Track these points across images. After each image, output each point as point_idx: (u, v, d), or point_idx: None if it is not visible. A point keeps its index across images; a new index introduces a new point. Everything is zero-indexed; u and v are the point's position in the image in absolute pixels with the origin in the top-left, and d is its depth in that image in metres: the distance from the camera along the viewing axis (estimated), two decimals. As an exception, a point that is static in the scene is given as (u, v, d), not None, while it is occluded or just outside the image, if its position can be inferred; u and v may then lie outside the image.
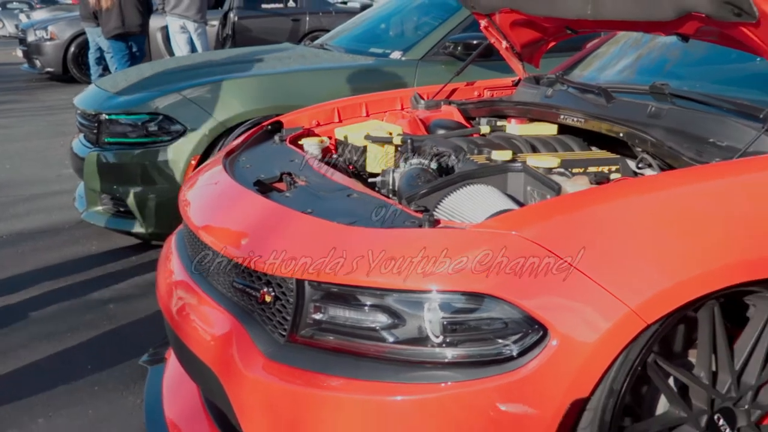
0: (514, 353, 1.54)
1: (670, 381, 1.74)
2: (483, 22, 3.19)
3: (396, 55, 4.57)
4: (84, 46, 11.25)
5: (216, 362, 1.81)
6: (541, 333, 1.54)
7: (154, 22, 9.85)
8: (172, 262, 2.23)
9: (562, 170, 2.07)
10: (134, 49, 8.61)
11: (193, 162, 3.94)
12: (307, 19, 12.83)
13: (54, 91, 10.67)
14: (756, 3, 1.90)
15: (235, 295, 1.88)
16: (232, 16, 11.75)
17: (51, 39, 11.54)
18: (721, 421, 1.74)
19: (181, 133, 3.97)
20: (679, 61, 2.85)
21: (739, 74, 2.60)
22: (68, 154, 4.54)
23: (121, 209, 4.10)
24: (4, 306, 3.37)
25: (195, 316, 1.96)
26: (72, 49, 11.63)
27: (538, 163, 2.07)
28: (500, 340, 1.55)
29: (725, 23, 2.09)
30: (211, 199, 2.20)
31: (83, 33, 11.01)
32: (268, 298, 1.76)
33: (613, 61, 3.19)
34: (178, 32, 8.54)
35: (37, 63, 11.78)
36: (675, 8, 2.20)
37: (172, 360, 2.51)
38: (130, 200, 3.98)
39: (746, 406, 1.77)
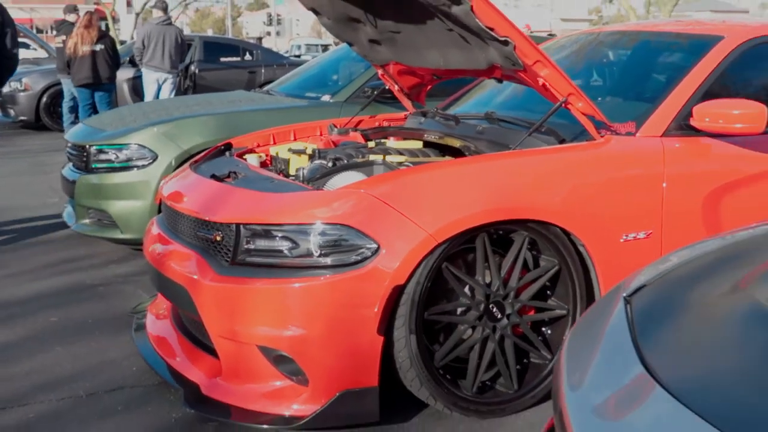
0: (361, 258, 2.67)
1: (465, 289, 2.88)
2: (380, 71, 4.38)
3: (326, 98, 5.76)
4: (56, 97, 12.30)
5: (185, 281, 2.91)
6: (376, 246, 2.66)
7: (121, 74, 10.96)
8: (153, 229, 3.34)
9: (407, 164, 3.24)
10: (106, 99, 9.72)
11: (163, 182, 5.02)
12: (263, 71, 14.03)
13: (29, 137, 11.66)
14: (520, 57, 3.09)
15: (197, 240, 2.99)
16: (193, 68, 12.92)
17: (25, 90, 12.55)
18: (494, 309, 2.88)
19: (154, 159, 5.07)
20: (509, 95, 4.06)
21: (534, 101, 3.75)
22: (59, 180, 5.59)
23: (105, 221, 5.17)
24: (14, 292, 4.39)
25: (170, 257, 3.07)
26: (44, 99, 12.63)
27: (392, 159, 3.23)
28: (353, 251, 2.68)
29: (511, 70, 3.29)
30: (182, 186, 3.32)
31: (55, 84, 12.12)
32: (218, 238, 2.88)
33: (472, 98, 4.38)
34: (153, 83, 9.69)
35: (11, 112, 12.78)
36: (485, 61, 3.40)
37: (151, 308, 3.60)
38: (113, 213, 5.06)
39: (510, 301, 2.91)
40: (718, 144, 3.30)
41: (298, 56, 19.27)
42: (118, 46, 11.66)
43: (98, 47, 9.49)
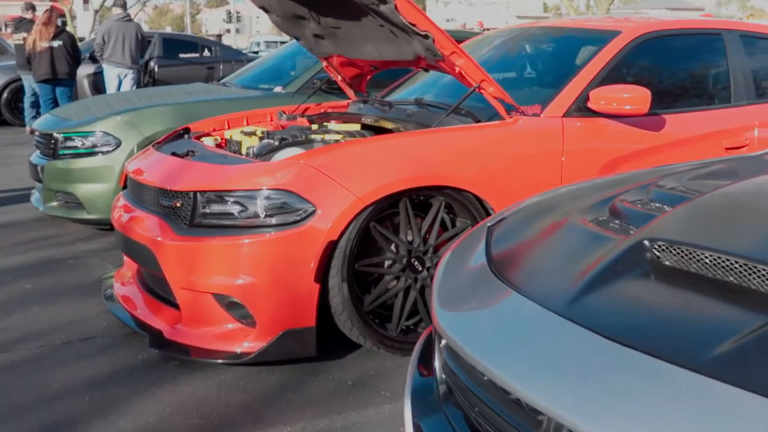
0: (300, 219, 3.15)
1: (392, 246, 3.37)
2: (324, 64, 4.87)
3: (278, 89, 6.22)
4: (16, 93, 12.58)
5: (149, 242, 3.37)
6: (313, 208, 3.15)
7: (82, 70, 11.29)
8: (119, 202, 3.79)
9: (342, 141, 3.73)
10: (66, 94, 10.06)
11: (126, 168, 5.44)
12: (221, 67, 14.38)
13: (-10, 132, 11.92)
14: (439, 48, 3.60)
15: (159, 207, 3.45)
16: (153, 65, 13.25)
17: (-16, 86, 12.77)
18: (416, 263, 3.38)
19: (118, 146, 5.49)
20: (439, 83, 4.56)
21: (457, 89, 4.25)
22: (23, 171, 5.98)
23: (72, 203, 5.58)
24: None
25: (136, 223, 3.52)
26: (5, 95, 12.88)
27: (329, 137, 3.72)
28: (293, 213, 3.16)
29: (433, 60, 3.80)
30: (146, 163, 3.77)
31: (15, 80, 12.39)
32: (178, 205, 3.34)
33: (407, 87, 4.89)
34: (114, 78, 10.04)
35: (-28, 108, 13.00)
36: (412, 53, 3.91)
37: (117, 275, 4.04)
38: (80, 195, 5.47)
39: (429, 255, 3.41)
40: (611, 123, 3.84)
41: (257, 53, 19.62)
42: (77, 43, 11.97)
43: (56, 43, 9.82)
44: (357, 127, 4.30)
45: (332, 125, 4.37)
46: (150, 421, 2.79)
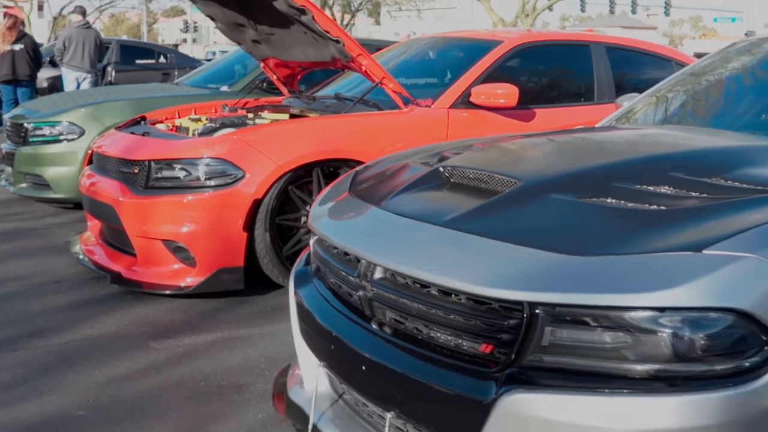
0: (233, 181, 4.01)
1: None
2: (262, 65, 5.75)
3: (224, 88, 7.07)
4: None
5: (112, 201, 4.20)
6: (243, 173, 4.01)
7: (41, 74, 11.98)
8: (86, 172, 4.62)
9: (271, 125, 4.61)
10: (27, 95, 10.74)
11: (89, 152, 6.24)
12: (176, 73, 15.11)
13: (-46, 129, 12.52)
14: (348, 51, 4.51)
15: (120, 174, 4.28)
16: (110, 70, 13.96)
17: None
18: (326, 219, 4.26)
19: (81, 134, 6.29)
20: (357, 81, 5.46)
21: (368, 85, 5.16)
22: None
23: (40, 184, 6.36)
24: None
25: (101, 187, 4.35)
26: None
27: (259, 121, 4.60)
28: (228, 176, 4.01)
29: (346, 61, 4.71)
30: (109, 141, 4.61)
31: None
32: (135, 171, 4.18)
33: (332, 84, 5.78)
34: (72, 81, 10.74)
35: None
36: (329, 55, 4.81)
37: (81, 237, 4.85)
38: (47, 177, 6.26)
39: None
40: (489, 114, 4.78)
41: (209, 60, 20.28)
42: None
43: (18, 47, 10.51)
44: (285, 116, 5.18)
45: (265, 114, 5.24)
46: (112, 329, 3.62)
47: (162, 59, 15.59)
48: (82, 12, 11.34)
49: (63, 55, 10.81)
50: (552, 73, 5.51)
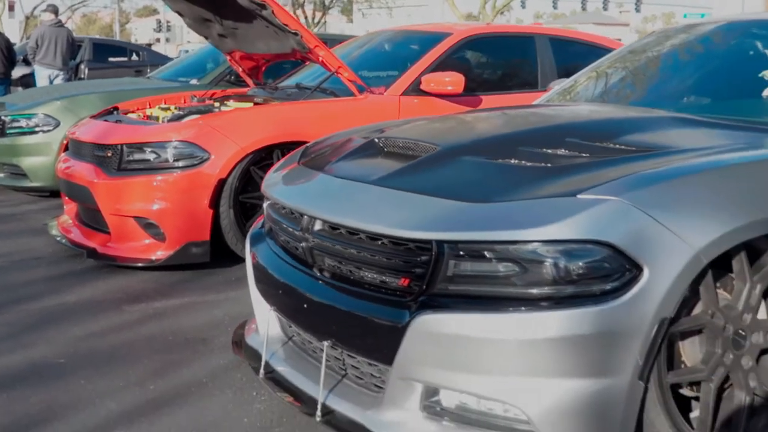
0: (199, 162, 4.36)
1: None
2: (228, 58, 6.10)
3: (194, 81, 7.41)
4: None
5: (87, 183, 4.53)
6: (209, 155, 4.36)
7: (15, 72, 12.22)
8: (63, 157, 4.95)
9: (235, 111, 4.96)
10: (1, 93, 10.98)
11: (64, 143, 6.56)
12: (149, 70, 15.37)
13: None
14: (306, 42, 4.87)
15: (94, 158, 4.62)
16: (83, 68, 14.19)
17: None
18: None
19: (57, 126, 6.60)
20: (318, 72, 5.83)
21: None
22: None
23: (18, 173, 6.66)
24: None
25: (77, 170, 4.68)
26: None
27: (224, 108, 4.95)
28: (194, 158, 4.37)
29: (304, 52, 5.07)
30: (84, 128, 4.94)
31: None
32: (109, 155, 4.52)
33: (295, 75, 6.14)
34: (44, 79, 11.00)
35: None
36: (289, 47, 5.17)
37: (59, 220, 5.18)
38: (24, 166, 6.57)
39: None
40: (438, 100, 5.16)
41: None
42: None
43: None
44: (250, 104, 5.53)
45: (231, 103, 5.59)
46: (89, 296, 3.96)
47: (135, 57, 15.81)
48: (55, 11, 11.58)
49: (35, 53, 11.06)
50: (498, 62, 5.92)
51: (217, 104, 5.58)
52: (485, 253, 2.15)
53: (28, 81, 12.68)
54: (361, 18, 50.14)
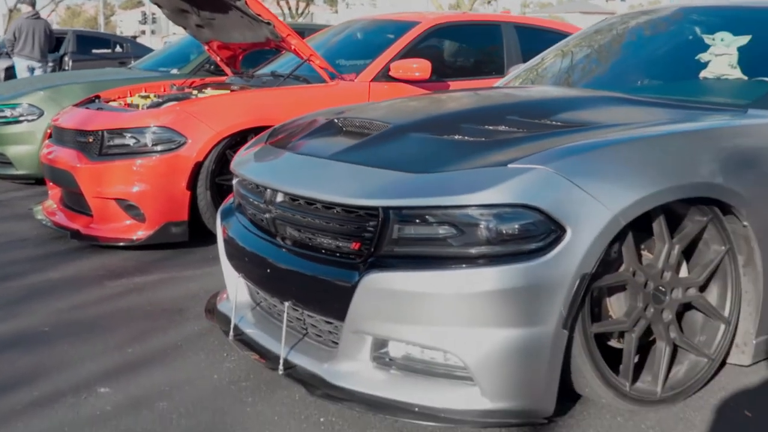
0: (176, 146, 4.58)
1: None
2: (206, 47, 6.31)
3: (174, 71, 7.61)
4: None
5: (70, 167, 4.75)
6: (185, 139, 4.59)
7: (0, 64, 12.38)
8: (47, 145, 5.16)
9: (212, 98, 5.19)
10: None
11: (48, 131, 6.76)
12: (133, 62, 15.53)
13: None
14: (278, 32, 5.10)
15: (76, 144, 4.84)
16: (67, 60, 14.33)
17: None
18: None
19: (41, 115, 6.80)
20: (293, 61, 6.05)
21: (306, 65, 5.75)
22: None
23: (3, 162, 6.86)
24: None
25: (60, 156, 4.90)
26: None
27: (201, 95, 5.18)
28: (172, 143, 4.59)
29: (278, 41, 5.30)
30: (66, 115, 5.15)
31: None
32: (90, 140, 4.73)
33: (271, 64, 6.36)
34: (24, 71, 11.14)
35: None
36: (264, 36, 5.39)
37: (43, 205, 5.40)
38: (10, 155, 6.77)
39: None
40: (407, 86, 5.39)
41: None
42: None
43: None
44: (226, 92, 5.75)
45: (208, 91, 5.81)
46: (72, 273, 4.19)
47: (118, 49, 15.96)
48: (32, 3, 11.67)
49: (14, 46, 11.18)
50: (465, 49, 6.16)
51: (195, 92, 5.79)
52: (426, 217, 2.39)
53: (11, 74, 12.82)
54: (345, 8, 50.30)
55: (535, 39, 6.29)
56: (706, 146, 2.68)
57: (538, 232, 2.34)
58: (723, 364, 2.90)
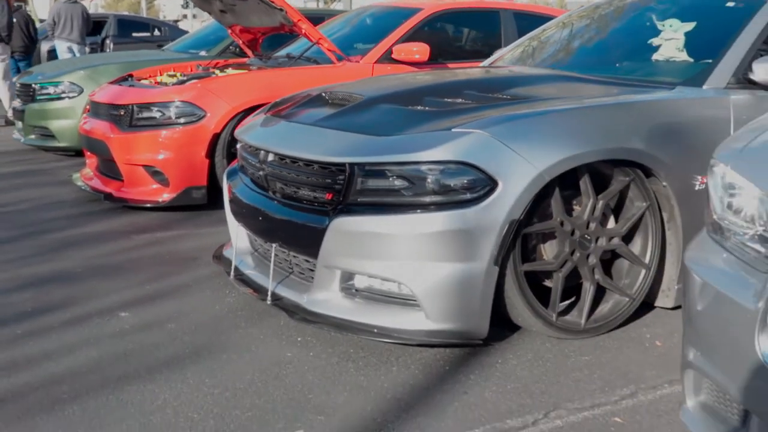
0: (197, 119, 5.16)
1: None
2: (229, 31, 6.88)
3: (203, 53, 8.20)
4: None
5: (104, 137, 5.36)
6: (205, 113, 5.16)
7: (44, 46, 13.07)
8: (84, 119, 5.78)
9: (231, 77, 5.75)
10: (24, 66, 11.78)
11: (87, 107, 7.39)
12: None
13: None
14: (290, 17, 5.63)
15: (109, 116, 5.43)
16: (108, 42, 15.03)
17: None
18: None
19: (80, 92, 7.43)
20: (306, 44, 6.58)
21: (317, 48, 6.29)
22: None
23: (46, 135, 7.52)
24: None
25: (95, 127, 5.50)
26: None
27: (221, 74, 5.74)
28: (194, 116, 5.16)
29: (290, 25, 5.84)
30: (102, 91, 5.76)
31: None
32: (122, 113, 5.33)
33: (288, 47, 6.90)
34: (65, 52, 11.79)
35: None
36: (278, 21, 5.94)
37: (81, 172, 6.01)
38: (53, 128, 7.42)
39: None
40: (407, 68, 5.89)
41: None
42: (38, 24, 13.67)
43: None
44: (244, 71, 6.31)
45: (229, 70, 6.38)
46: (103, 229, 4.80)
47: (157, 32, 16.63)
48: (70, -13, 12.28)
49: (54, 29, 11.81)
50: (465, 34, 6.65)
51: (217, 71, 6.37)
52: (385, 172, 2.92)
53: (53, 55, 13.52)
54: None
55: (533, 25, 6.72)
56: (629, 117, 3.16)
57: (475, 185, 2.85)
58: (652, 307, 3.38)
